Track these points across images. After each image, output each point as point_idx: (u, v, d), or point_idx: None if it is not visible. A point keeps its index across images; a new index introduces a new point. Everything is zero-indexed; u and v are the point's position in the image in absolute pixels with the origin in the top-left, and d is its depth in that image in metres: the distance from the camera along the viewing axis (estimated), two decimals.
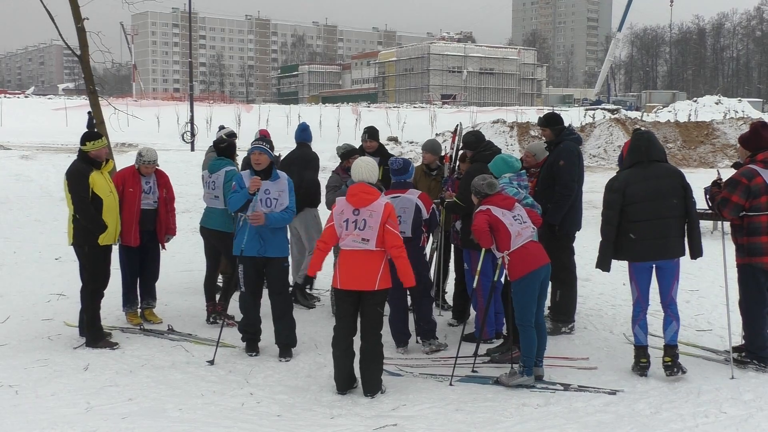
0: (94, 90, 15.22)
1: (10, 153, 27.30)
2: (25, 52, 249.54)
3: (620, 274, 10.42)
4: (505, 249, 6.70)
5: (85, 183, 7.72)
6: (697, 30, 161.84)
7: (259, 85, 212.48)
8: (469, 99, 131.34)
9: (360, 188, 6.58)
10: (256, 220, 7.33)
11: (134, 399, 6.37)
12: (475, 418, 6.05)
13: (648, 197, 6.83)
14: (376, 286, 6.48)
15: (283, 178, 7.65)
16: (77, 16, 14.88)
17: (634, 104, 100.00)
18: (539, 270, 6.74)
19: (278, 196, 7.50)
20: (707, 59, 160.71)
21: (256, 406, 6.29)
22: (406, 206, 7.63)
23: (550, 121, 8.50)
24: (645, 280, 7.04)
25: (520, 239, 6.68)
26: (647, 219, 6.83)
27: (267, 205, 7.45)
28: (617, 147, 33.44)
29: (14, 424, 5.70)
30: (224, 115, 50.84)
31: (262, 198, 7.44)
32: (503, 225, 6.67)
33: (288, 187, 7.64)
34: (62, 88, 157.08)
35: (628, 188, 6.91)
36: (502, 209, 6.73)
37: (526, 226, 6.78)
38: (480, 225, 6.70)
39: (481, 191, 6.85)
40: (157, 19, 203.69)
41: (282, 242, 7.67)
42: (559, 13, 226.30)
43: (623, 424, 5.89)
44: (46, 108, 68.52)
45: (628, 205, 6.90)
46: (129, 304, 8.76)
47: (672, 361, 6.84)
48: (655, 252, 6.86)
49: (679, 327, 6.98)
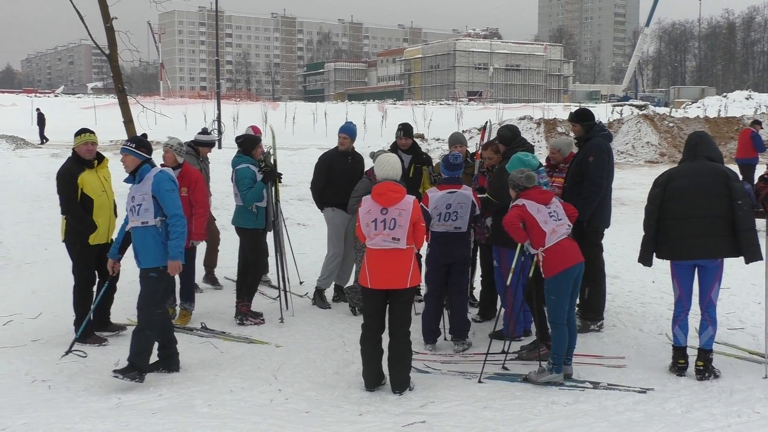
0: (123, 89, 15.33)
1: (41, 151, 27.60)
2: (55, 51, 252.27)
3: (650, 272, 10.35)
4: (540, 246, 6.67)
5: (73, 183, 7.81)
6: (727, 24, 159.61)
7: (285, 82, 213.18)
8: (495, 96, 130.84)
9: (387, 187, 6.56)
10: (173, 271, 6.83)
11: (164, 394, 6.43)
12: (504, 415, 6.03)
13: (688, 194, 6.72)
14: (407, 284, 6.48)
15: (148, 180, 6.81)
16: (106, 16, 14.99)
17: (662, 100, 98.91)
18: (573, 268, 6.70)
19: (142, 201, 6.78)
20: (737, 54, 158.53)
21: (284, 402, 6.32)
22: (463, 202, 7.61)
23: (581, 116, 8.41)
24: (686, 279, 6.90)
25: (555, 236, 6.65)
26: (687, 216, 6.72)
27: (134, 214, 6.82)
28: (645, 143, 33.16)
29: (47, 417, 5.77)
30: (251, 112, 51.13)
31: (129, 205, 6.88)
32: (536, 223, 6.63)
33: (159, 189, 6.77)
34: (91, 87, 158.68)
35: (669, 183, 6.83)
36: (539, 204, 6.70)
37: (562, 223, 6.74)
38: (511, 220, 6.67)
39: (519, 184, 6.82)
40: (183, 18, 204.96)
41: (148, 250, 6.79)
42: (585, 9, 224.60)
43: (654, 423, 5.83)
44: (75, 107, 69.25)
45: (669, 201, 6.80)
46: None
47: (704, 366, 6.75)
48: (694, 251, 6.72)
49: (715, 332, 6.86)
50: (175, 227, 6.76)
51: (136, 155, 6.87)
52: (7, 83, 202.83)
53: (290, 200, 17.20)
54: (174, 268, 6.78)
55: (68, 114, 60.43)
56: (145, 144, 7.03)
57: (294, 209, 16.46)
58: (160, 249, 6.77)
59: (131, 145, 6.93)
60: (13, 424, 5.60)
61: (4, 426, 5.56)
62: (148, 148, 7.01)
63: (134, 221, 6.82)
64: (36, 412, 5.91)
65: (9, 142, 30.41)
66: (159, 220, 6.75)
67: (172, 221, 6.76)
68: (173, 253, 6.73)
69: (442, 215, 7.56)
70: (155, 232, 6.75)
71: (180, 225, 6.78)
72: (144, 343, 6.70)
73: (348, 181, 9.04)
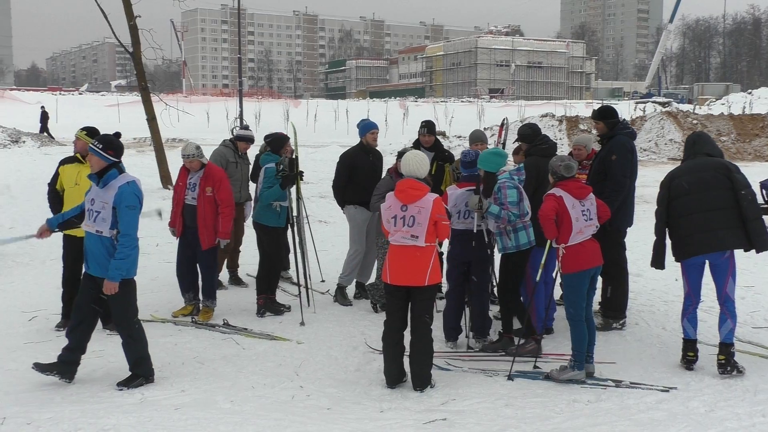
0: (146, 86, 15.47)
1: (66, 149, 27.84)
2: (79, 50, 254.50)
3: (672, 270, 10.27)
4: (563, 242, 6.66)
5: (56, 171, 8.28)
6: (752, 20, 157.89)
7: (306, 80, 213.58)
8: (517, 93, 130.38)
9: (408, 184, 6.56)
10: (108, 290, 6.38)
11: (186, 390, 6.47)
12: (525, 413, 6.01)
13: (690, 190, 6.75)
14: (426, 281, 6.46)
15: (112, 189, 6.33)
16: (129, 14, 15.13)
17: (686, 97, 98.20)
18: (591, 269, 6.72)
19: (101, 209, 6.34)
20: (763, 50, 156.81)
21: (306, 399, 6.34)
22: None
23: (604, 114, 8.34)
24: (695, 276, 6.92)
25: (580, 237, 6.64)
26: (691, 212, 6.74)
27: (90, 218, 6.42)
28: (668, 141, 32.89)
29: (72, 412, 5.83)
30: (272, 110, 51.28)
31: (88, 209, 6.48)
32: (568, 218, 6.62)
33: (121, 202, 6.29)
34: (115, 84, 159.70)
35: (672, 182, 6.89)
36: (574, 199, 6.67)
37: (590, 224, 6.73)
38: (547, 213, 6.65)
39: (557, 172, 6.79)
40: (206, 16, 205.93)
41: (101, 260, 6.42)
42: (608, 5, 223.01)
43: (676, 422, 5.78)
44: (99, 105, 69.74)
45: (674, 199, 6.85)
46: (183, 296, 8.91)
47: (726, 360, 6.71)
48: (702, 246, 6.72)
49: (735, 325, 6.82)
50: (123, 246, 6.31)
51: (101, 157, 6.34)
52: (33, 81, 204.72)
53: (312, 197, 17.24)
54: (109, 288, 6.32)
55: (92, 112, 60.90)
56: (114, 145, 6.45)
57: (315, 206, 16.50)
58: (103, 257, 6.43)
59: (98, 145, 6.37)
60: (39, 418, 5.67)
61: (30, 420, 5.63)
62: (117, 150, 6.44)
63: (88, 226, 6.46)
64: (60, 407, 5.98)
65: (34, 140, 30.74)
66: (116, 232, 6.34)
67: (122, 240, 6.30)
68: (112, 274, 6.29)
69: (461, 213, 7.55)
70: (110, 243, 6.36)
71: (129, 246, 6.33)
72: (136, 353, 6.58)
73: (370, 179, 9.07)
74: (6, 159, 21.61)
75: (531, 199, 7.54)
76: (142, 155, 26.32)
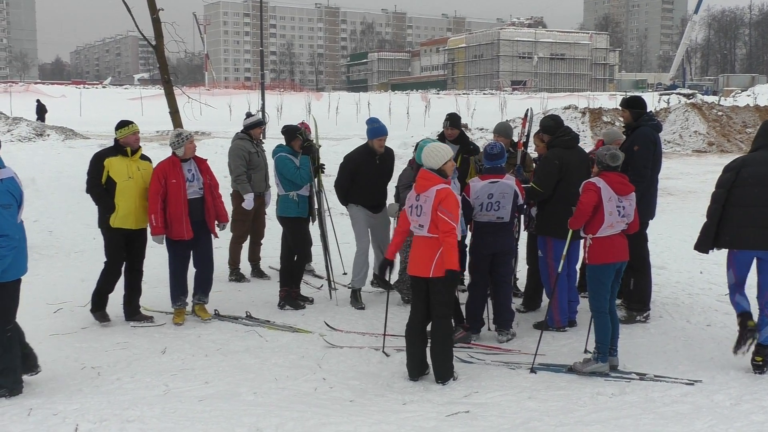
0: (169, 80, 15.48)
1: (90, 142, 28.02)
2: (103, 43, 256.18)
3: (697, 263, 10.19)
4: (591, 232, 6.63)
5: (98, 166, 8.02)
6: None
7: (328, 73, 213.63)
8: (539, 85, 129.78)
9: (422, 174, 6.55)
10: None
11: (210, 382, 6.50)
12: (549, 406, 5.99)
13: (759, 182, 6.50)
14: (430, 273, 6.38)
15: None
16: (152, 7, 15.15)
17: (710, 88, 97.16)
18: (617, 263, 6.67)
19: None
20: None
21: (329, 391, 6.35)
22: (506, 191, 7.54)
23: (631, 103, 8.24)
24: (743, 269, 6.72)
25: (610, 230, 6.60)
26: (753, 205, 6.51)
27: None
28: (693, 133, 32.57)
29: (97, 404, 5.88)
30: (294, 103, 51.38)
31: None
32: (602, 210, 6.57)
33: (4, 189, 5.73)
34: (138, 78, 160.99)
35: (743, 169, 6.60)
36: (613, 192, 6.61)
37: (622, 221, 6.67)
38: (586, 207, 6.58)
39: (603, 161, 6.71)
40: (228, 9, 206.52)
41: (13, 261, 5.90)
42: None
43: (702, 415, 5.71)
44: (122, 98, 70.37)
45: (738, 186, 6.59)
46: (176, 301, 8.36)
47: (763, 361, 6.58)
48: (756, 241, 6.53)
49: None
50: None
51: None
52: (57, 75, 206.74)
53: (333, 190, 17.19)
54: None
55: (116, 105, 61.40)
56: None
57: (337, 199, 16.45)
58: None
59: None
60: (65, 409, 5.72)
61: (57, 411, 5.68)
62: None
63: None
64: (86, 398, 6.03)
65: (59, 133, 30.97)
66: None
67: None
68: None
69: (483, 205, 7.52)
70: None
71: (5, 248, 5.74)
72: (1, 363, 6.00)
73: (374, 183, 9.03)
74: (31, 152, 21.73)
75: (554, 191, 7.49)
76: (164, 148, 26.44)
